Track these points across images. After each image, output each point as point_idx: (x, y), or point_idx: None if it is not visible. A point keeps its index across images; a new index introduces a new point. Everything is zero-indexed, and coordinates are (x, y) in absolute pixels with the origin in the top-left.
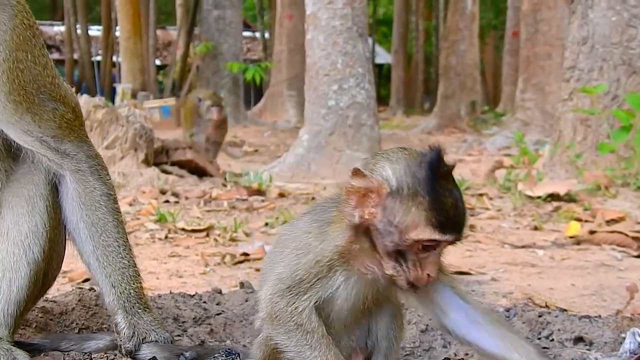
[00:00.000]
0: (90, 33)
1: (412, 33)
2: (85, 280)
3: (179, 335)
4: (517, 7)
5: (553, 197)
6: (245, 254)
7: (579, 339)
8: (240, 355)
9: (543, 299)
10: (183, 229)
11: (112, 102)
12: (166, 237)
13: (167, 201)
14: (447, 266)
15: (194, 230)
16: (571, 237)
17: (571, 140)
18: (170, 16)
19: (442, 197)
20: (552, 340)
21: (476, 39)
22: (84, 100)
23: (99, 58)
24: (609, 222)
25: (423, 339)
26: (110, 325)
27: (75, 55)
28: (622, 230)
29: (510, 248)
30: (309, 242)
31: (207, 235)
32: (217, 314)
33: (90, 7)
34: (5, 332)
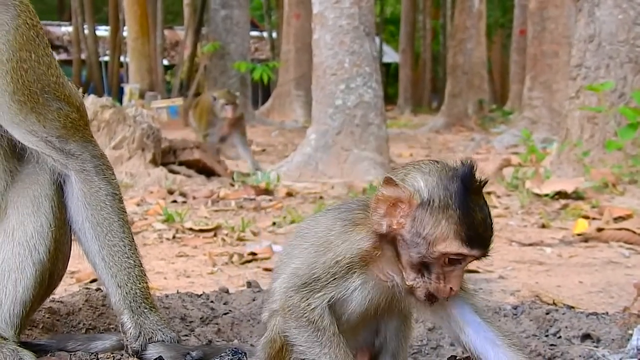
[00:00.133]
0: (98, 33)
1: (419, 32)
2: (93, 281)
3: (186, 335)
4: (524, 5)
5: (561, 194)
6: (253, 254)
7: (586, 336)
8: (246, 354)
9: (550, 297)
10: (191, 229)
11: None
12: (174, 237)
13: (174, 201)
14: (467, 280)
15: (201, 230)
16: (579, 235)
17: (578, 138)
18: (178, 16)
19: (473, 212)
20: (560, 337)
21: (483, 37)
22: (91, 101)
23: (106, 58)
24: (616, 220)
25: (431, 337)
26: (117, 326)
27: (83, 56)
28: (630, 228)
29: (518, 246)
30: (330, 240)
31: (214, 235)
32: (225, 314)
33: (98, 7)
34: (12, 332)
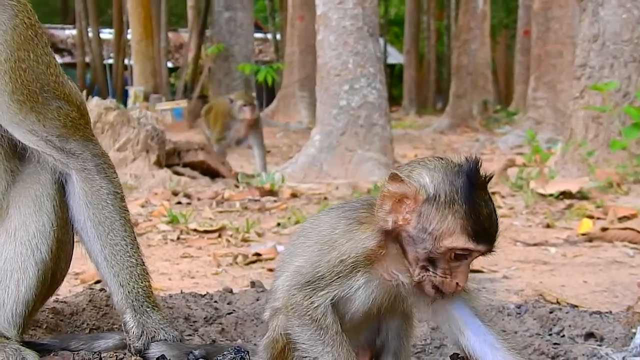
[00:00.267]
0: (102, 36)
1: (423, 33)
2: (97, 282)
3: (190, 335)
4: (528, 5)
5: (565, 194)
6: (258, 254)
7: (589, 335)
8: (249, 352)
9: (554, 296)
10: (195, 230)
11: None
12: (178, 238)
13: (179, 202)
14: (470, 280)
15: (206, 231)
16: (583, 235)
17: (583, 138)
18: (182, 18)
19: (479, 207)
20: (563, 336)
21: (488, 38)
22: (95, 103)
23: (110, 61)
24: (621, 219)
25: (434, 336)
26: (120, 325)
27: (87, 59)
28: (634, 227)
29: (522, 246)
30: (335, 239)
31: (219, 236)
32: (228, 314)
33: (102, 10)
34: (14, 332)
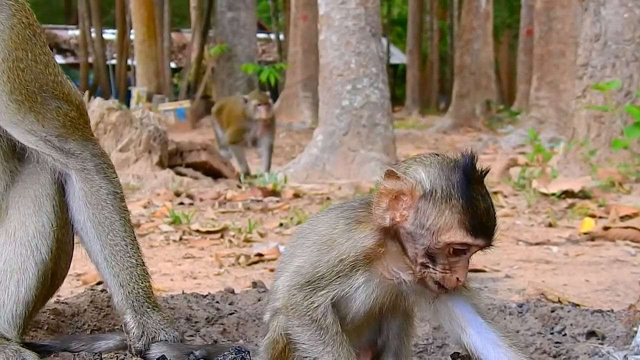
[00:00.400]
0: (105, 36)
1: (426, 33)
2: (99, 283)
3: (191, 335)
4: (531, 5)
5: (567, 194)
6: (260, 255)
7: (591, 334)
8: (250, 352)
9: (556, 295)
10: (197, 231)
11: (128, 105)
12: (180, 238)
13: (181, 203)
14: (471, 279)
15: (208, 232)
16: (585, 234)
17: (585, 137)
18: (185, 19)
19: (476, 201)
20: (565, 335)
21: (490, 37)
22: (97, 103)
23: (113, 61)
24: (623, 218)
25: (436, 335)
26: (121, 326)
27: (90, 59)
28: (636, 226)
29: (524, 245)
30: (334, 238)
31: (221, 236)
32: (230, 314)
33: (105, 10)
34: (14, 332)
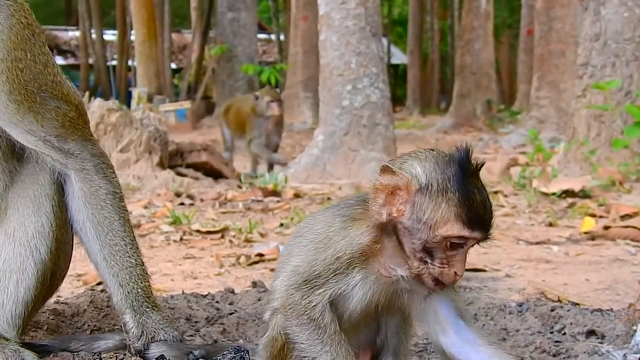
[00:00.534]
0: (105, 37)
1: (427, 33)
2: (99, 283)
3: (191, 335)
4: (531, 5)
5: (568, 193)
6: (260, 255)
7: (590, 333)
8: (249, 352)
9: (556, 294)
10: (198, 231)
11: (128, 106)
12: (181, 239)
13: (182, 203)
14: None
15: (208, 232)
16: (586, 233)
17: (585, 136)
18: (185, 19)
19: (472, 194)
20: (564, 334)
21: (491, 37)
22: (97, 104)
23: (114, 62)
24: (623, 218)
25: None
26: (121, 326)
27: (91, 60)
28: (636, 225)
29: (525, 244)
30: (330, 237)
31: (222, 236)
32: (230, 314)
33: (105, 11)
34: (14, 332)
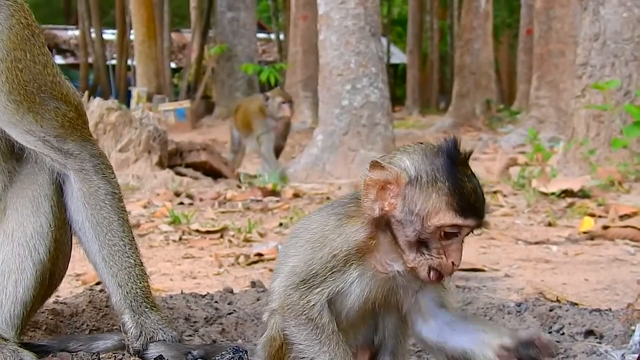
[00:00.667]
0: (105, 37)
1: (426, 33)
2: (98, 283)
3: (190, 335)
4: (531, 5)
5: (567, 193)
6: (260, 255)
7: (589, 332)
8: (247, 352)
9: (554, 294)
10: (197, 231)
11: (128, 105)
12: (180, 238)
13: (181, 203)
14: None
15: (208, 232)
16: (585, 233)
17: (584, 136)
18: (185, 19)
19: (462, 182)
20: (563, 333)
21: (490, 37)
22: (96, 104)
23: (113, 62)
24: (622, 217)
25: None
26: (120, 326)
27: (90, 59)
28: (635, 225)
29: (524, 244)
30: (326, 235)
31: (221, 236)
32: (229, 314)
33: (105, 11)
34: (12, 333)
